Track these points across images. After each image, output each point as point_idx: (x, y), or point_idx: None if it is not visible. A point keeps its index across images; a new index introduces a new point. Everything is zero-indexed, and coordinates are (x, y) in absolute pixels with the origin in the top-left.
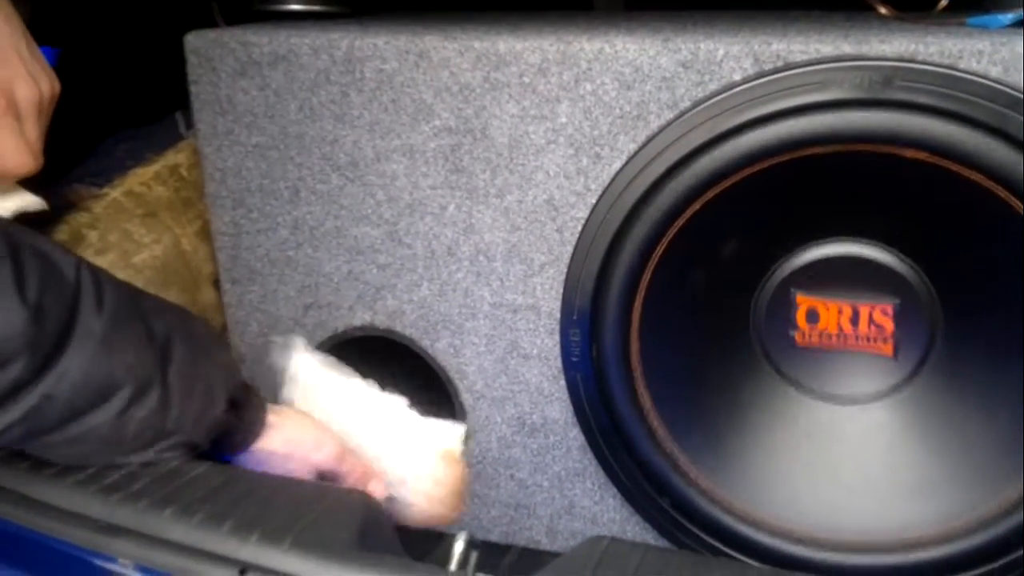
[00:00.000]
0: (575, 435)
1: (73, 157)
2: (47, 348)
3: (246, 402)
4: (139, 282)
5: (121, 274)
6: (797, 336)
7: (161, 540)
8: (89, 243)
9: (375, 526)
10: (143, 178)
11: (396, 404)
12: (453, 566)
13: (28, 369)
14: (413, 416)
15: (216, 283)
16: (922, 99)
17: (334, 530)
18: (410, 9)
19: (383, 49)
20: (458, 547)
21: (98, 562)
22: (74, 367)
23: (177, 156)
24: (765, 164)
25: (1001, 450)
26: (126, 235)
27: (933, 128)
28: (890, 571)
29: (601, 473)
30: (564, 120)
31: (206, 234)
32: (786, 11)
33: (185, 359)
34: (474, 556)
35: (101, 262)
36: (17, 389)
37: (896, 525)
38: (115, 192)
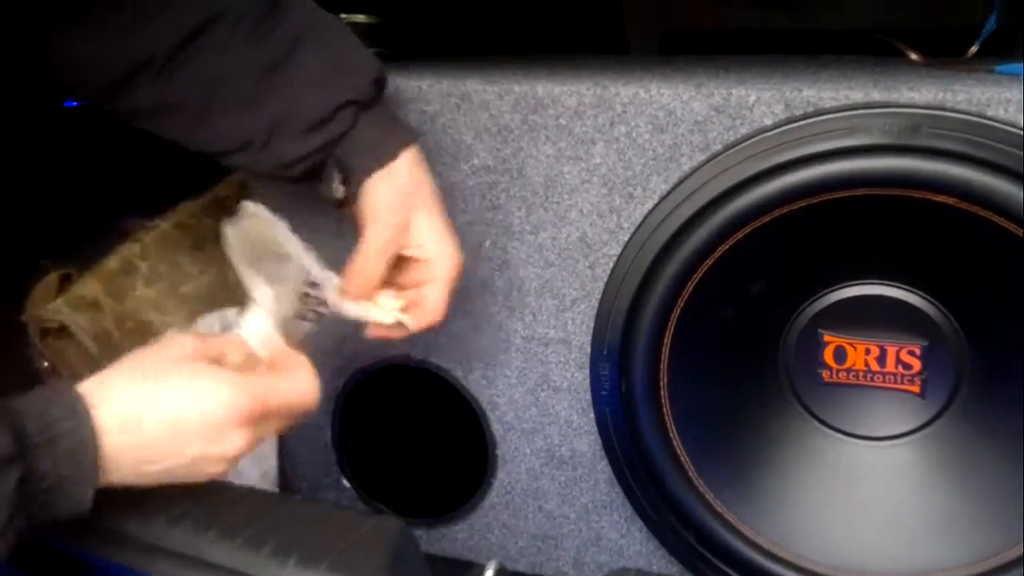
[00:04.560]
0: (603, 468)
1: (130, 188)
2: None
3: (32, 457)
4: (184, 312)
5: (169, 304)
6: (825, 374)
7: (203, 562)
8: (140, 274)
9: (408, 554)
10: (192, 210)
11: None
12: None
13: None
14: None
15: None
16: (950, 146)
17: (369, 556)
18: (446, 51)
19: (426, 92)
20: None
21: None
22: None
23: (225, 190)
24: (794, 206)
25: None
26: (175, 266)
27: (961, 174)
28: None
29: (628, 506)
30: (598, 161)
31: None
32: (818, 56)
33: None
34: None
35: (150, 292)
36: None
37: (921, 565)
38: (165, 224)
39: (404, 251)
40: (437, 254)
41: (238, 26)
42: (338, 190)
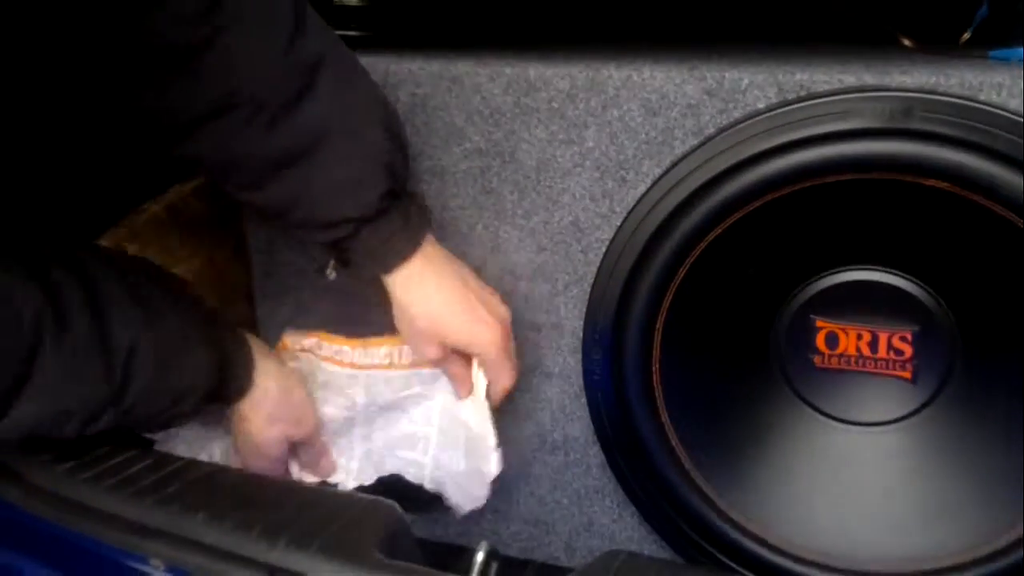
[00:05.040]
0: (595, 453)
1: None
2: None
3: (219, 388)
4: None
5: None
6: (816, 359)
7: (193, 542)
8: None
9: (400, 536)
10: (182, 194)
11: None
12: (474, 575)
13: None
14: None
15: (249, 298)
16: (942, 130)
17: (361, 538)
18: (427, 34)
19: (417, 74)
20: (479, 558)
21: (130, 563)
22: (27, 415)
23: None
24: (787, 190)
25: (1020, 476)
26: (165, 249)
27: (953, 158)
28: None
29: (620, 492)
30: (591, 144)
31: (240, 249)
32: (811, 42)
33: (148, 379)
34: (494, 567)
35: None
36: None
37: (914, 551)
38: (155, 207)
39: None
40: (472, 346)
41: (256, 116)
42: (331, 274)
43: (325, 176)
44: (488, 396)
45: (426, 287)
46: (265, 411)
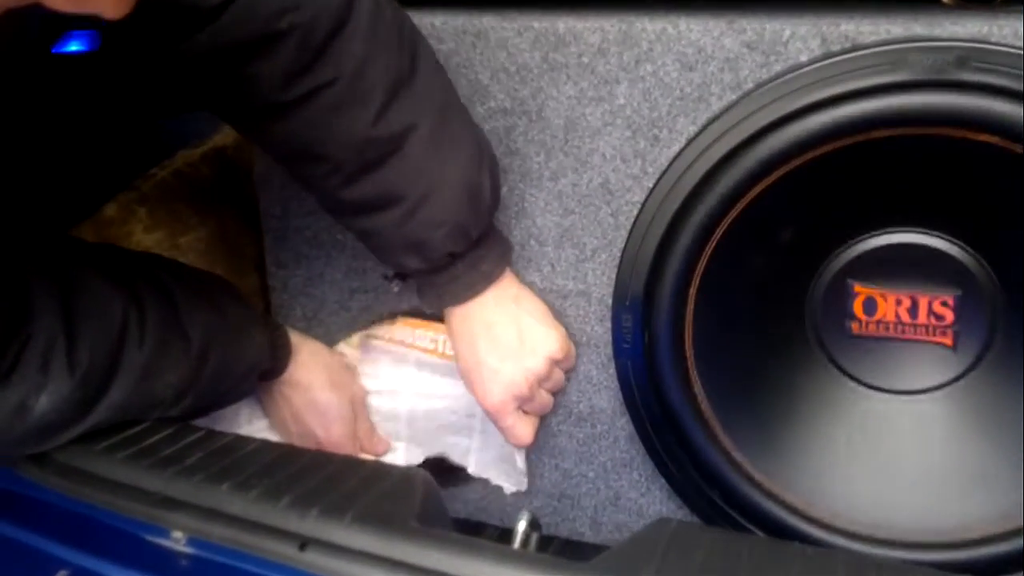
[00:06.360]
0: (623, 424)
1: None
2: (93, 394)
3: (273, 366)
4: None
5: (166, 255)
6: (853, 326)
7: (217, 513)
8: (139, 218)
9: (434, 507)
10: (191, 159)
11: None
12: (516, 544)
13: (75, 414)
14: None
15: (259, 268)
16: (997, 81)
17: (397, 507)
18: None
19: (440, 29)
20: (521, 526)
21: (149, 536)
22: (118, 398)
23: (224, 139)
24: (829, 147)
25: None
26: (174, 215)
27: (1007, 111)
28: (948, 567)
29: (649, 464)
30: (622, 102)
31: (250, 217)
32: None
33: (219, 360)
34: (535, 537)
35: (149, 240)
36: (66, 425)
37: (954, 521)
38: (163, 172)
39: None
40: (478, 400)
41: (335, 173)
42: (394, 288)
43: (393, 231)
44: None
45: (469, 331)
46: (323, 372)
